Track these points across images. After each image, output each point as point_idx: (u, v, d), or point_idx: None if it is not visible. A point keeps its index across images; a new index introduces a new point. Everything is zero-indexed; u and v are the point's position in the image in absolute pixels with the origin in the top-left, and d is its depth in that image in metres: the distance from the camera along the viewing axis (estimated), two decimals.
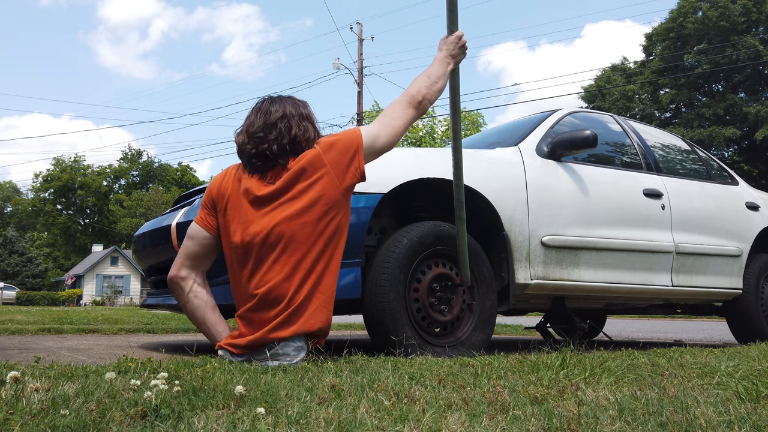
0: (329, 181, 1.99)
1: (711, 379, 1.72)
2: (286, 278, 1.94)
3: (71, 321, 5.61)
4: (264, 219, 1.98)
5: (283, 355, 1.93)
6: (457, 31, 2.19)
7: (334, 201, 1.99)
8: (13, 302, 29.01)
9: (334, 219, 2.00)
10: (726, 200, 3.94)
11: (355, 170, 2.04)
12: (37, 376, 1.48)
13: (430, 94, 2.18)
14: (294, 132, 2.05)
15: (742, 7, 22.30)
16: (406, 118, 2.15)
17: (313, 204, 1.96)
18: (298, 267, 1.95)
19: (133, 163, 52.97)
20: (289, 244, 1.95)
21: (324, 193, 1.98)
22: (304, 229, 1.95)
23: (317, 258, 1.97)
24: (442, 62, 2.22)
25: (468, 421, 1.08)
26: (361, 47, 22.69)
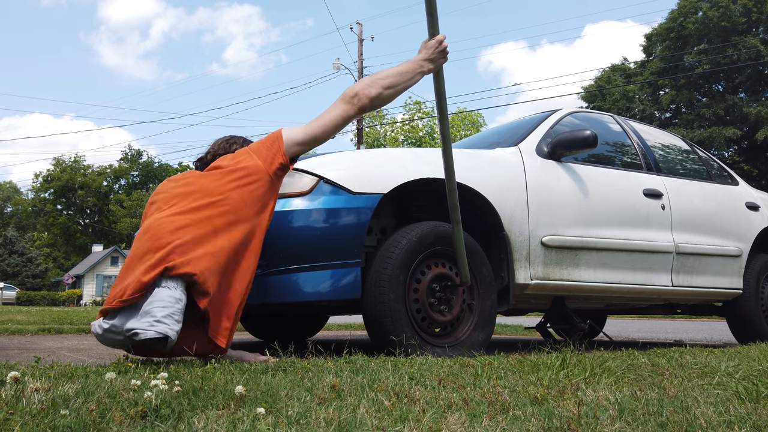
0: (250, 158, 2.11)
1: (711, 379, 1.72)
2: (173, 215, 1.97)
3: (71, 321, 5.61)
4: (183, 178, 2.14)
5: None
6: (439, 34, 2.16)
7: (256, 175, 2.08)
8: (13, 302, 29.01)
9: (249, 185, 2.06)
10: (726, 200, 3.94)
11: (276, 151, 2.13)
12: (37, 376, 1.48)
13: (370, 90, 2.17)
14: (234, 148, 2.34)
15: (743, 7, 22.29)
16: (333, 114, 2.18)
17: (233, 171, 2.07)
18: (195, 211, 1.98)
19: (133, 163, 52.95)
20: (195, 192, 2.03)
21: (245, 165, 2.09)
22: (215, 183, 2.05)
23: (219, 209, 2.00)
24: (411, 62, 2.20)
25: (468, 421, 1.08)
26: (361, 47, 22.69)
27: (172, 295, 1.83)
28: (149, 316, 1.79)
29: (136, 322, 1.80)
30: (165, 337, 1.77)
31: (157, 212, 2.04)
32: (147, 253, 1.89)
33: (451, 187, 2.26)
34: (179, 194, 2.05)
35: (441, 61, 2.20)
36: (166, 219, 1.96)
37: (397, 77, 2.19)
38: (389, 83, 2.19)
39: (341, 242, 2.37)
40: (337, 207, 2.38)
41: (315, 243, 2.35)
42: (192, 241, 1.91)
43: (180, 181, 2.14)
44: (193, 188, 2.05)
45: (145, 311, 1.80)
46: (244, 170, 2.08)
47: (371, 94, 2.17)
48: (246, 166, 2.08)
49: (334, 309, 3.08)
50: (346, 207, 2.40)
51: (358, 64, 22.45)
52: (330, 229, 2.35)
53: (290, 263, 2.32)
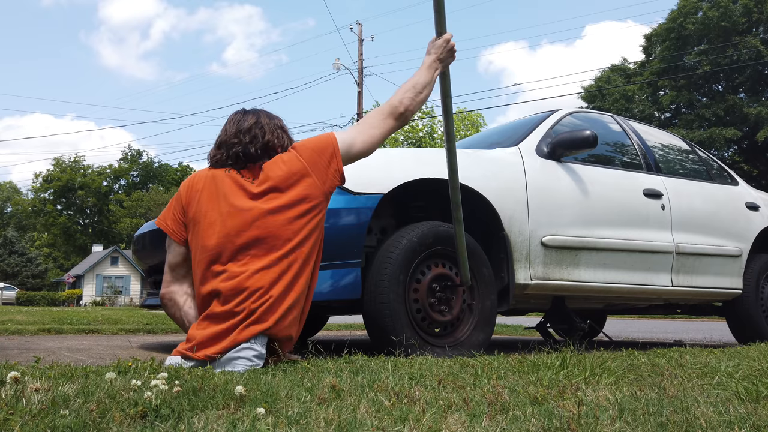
0: (311, 182, 1.97)
1: (711, 379, 1.72)
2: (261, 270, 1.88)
3: (71, 321, 5.61)
4: (246, 212, 1.92)
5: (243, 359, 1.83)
6: (446, 33, 2.16)
7: (315, 201, 1.96)
8: (13, 302, 29.02)
9: (314, 218, 1.97)
10: (726, 200, 3.94)
11: (335, 172, 2.01)
12: (37, 376, 1.48)
13: (413, 105, 2.16)
14: (267, 138, 2.04)
15: (743, 7, 22.28)
16: (384, 128, 2.12)
17: (296, 202, 1.94)
18: (277, 262, 1.89)
19: (133, 164, 52.98)
20: (269, 239, 1.90)
21: (308, 193, 1.95)
22: (286, 226, 1.91)
23: (296, 255, 1.92)
24: (429, 68, 2.19)
25: (468, 422, 1.08)
26: (361, 47, 22.69)
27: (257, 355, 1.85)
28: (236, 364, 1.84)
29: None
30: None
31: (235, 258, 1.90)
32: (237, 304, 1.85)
33: (454, 186, 2.27)
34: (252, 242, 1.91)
35: (449, 60, 2.20)
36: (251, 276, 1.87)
37: (428, 88, 2.19)
38: (425, 96, 2.19)
39: (341, 242, 2.37)
40: (337, 207, 2.38)
41: None
42: (279, 298, 1.87)
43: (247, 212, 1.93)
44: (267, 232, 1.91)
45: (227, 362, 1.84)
46: (306, 201, 1.94)
47: (415, 109, 2.17)
48: (308, 195, 1.95)
49: (334, 309, 3.08)
50: (346, 207, 2.40)
51: (358, 64, 22.45)
52: (330, 229, 2.35)
53: None
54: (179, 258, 2.06)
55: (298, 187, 1.95)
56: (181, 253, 2.06)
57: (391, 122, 2.13)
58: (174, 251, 2.07)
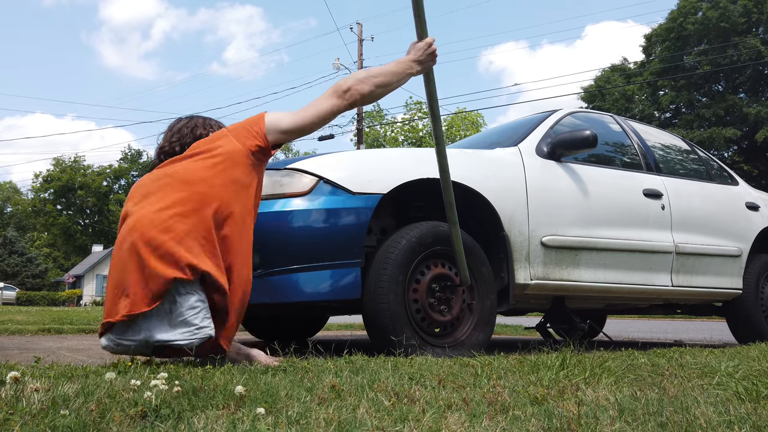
0: (230, 141, 2.02)
1: (711, 379, 1.72)
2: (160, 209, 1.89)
3: (71, 321, 5.61)
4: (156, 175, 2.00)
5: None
6: (428, 37, 2.14)
7: (234, 157, 2.00)
8: (13, 302, 29.01)
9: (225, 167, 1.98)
10: (726, 200, 3.94)
11: (256, 133, 2.05)
12: (37, 376, 1.48)
13: (363, 87, 2.12)
14: (199, 132, 2.15)
15: (743, 8, 22.28)
16: (323, 105, 2.11)
17: (213, 156, 1.98)
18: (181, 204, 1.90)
19: (133, 164, 52.97)
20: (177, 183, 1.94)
21: (225, 150, 2.00)
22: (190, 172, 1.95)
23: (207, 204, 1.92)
24: (399, 63, 2.16)
25: (468, 422, 1.08)
26: (361, 47, 22.69)
27: (199, 298, 1.83)
28: (187, 325, 1.80)
29: (171, 334, 1.80)
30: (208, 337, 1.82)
31: (139, 205, 1.93)
32: (145, 254, 1.81)
33: (446, 187, 2.26)
34: (162, 186, 1.95)
35: (430, 64, 2.16)
36: (155, 215, 1.87)
37: (389, 76, 2.16)
38: (381, 82, 2.15)
39: (341, 242, 2.37)
40: (337, 207, 2.38)
41: (315, 243, 2.35)
42: (188, 237, 1.84)
43: (160, 171, 2.03)
44: (174, 179, 1.95)
45: (179, 321, 1.80)
46: (223, 155, 1.99)
47: (364, 90, 2.13)
48: (225, 151, 2.00)
49: (334, 309, 3.08)
50: (346, 207, 2.40)
51: (358, 64, 22.45)
52: (330, 229, 2.35)
53: (290, 263, 2.32)
54: None
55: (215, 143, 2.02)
56: None
57: (333, 100, 2.12)
58: None
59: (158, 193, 1.93)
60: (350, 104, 2.13)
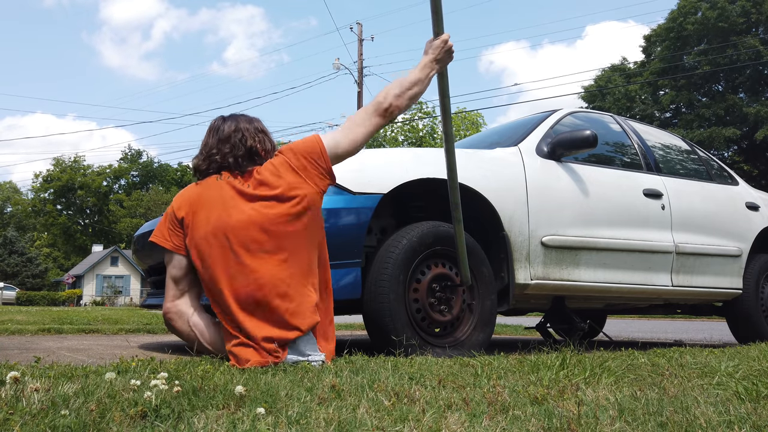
0: (304, 184, 1.99)
1: (711, 379, 1.72)
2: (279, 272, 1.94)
3: (71, 321, 5.61)
4: (249, 210, 1.95)
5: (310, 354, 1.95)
6: (443, 33, 2.15)
7: (311, 201, 1.99)
8: (13, 302, 29.02)
9: (310, 218, 2.00)
10: (726, 200, 3.94)
11: (325, 172, 2.04)
12: (37, 376, 1.48)
13: (400, 102, 2.15)
14: (250, 143, 2.07)
15: (741, 8, 22.28)
16: (369, 127, 2.12)
17: (294, 205, 1.97)
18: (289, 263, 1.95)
19: (132, 164, 52.98)
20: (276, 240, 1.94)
21: (303, 194, 1.98)
22: (288, 227, 1.95)
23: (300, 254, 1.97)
24: (423, 68, 2.18)
25: (468, 421, 1.08)
26: (361, 47, 22.69)
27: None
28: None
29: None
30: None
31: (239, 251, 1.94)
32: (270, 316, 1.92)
33: (453, 186, 2.27)
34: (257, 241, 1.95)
35: (447, 61, 2.19)
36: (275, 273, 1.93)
37: (420, 86, 2.18)
38: (414, 93, 2.18)
39: (341, 242, 2.37)
40: (337, 207, 2.38)
41: None
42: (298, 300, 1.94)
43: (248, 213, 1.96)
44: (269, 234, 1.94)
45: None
46: (308, 205, 1.98)
47: (402, 106, 2.16)
48: (309, 200, 1.98)
49: (334, 309, 3.08)
50: (346, 207, 2.40)
51: (358, 64, 22.46)
52: (330, 229, 2.35)
53: None
54: (182, 270, 2.06)
55: (292, 192, 1.98)
56: (183, 265, 2.06)
57: (376, 120, 2.13)
58: (175, 264, 2.07)
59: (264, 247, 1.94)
60: (391, 121, 2.19)
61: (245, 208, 1.96)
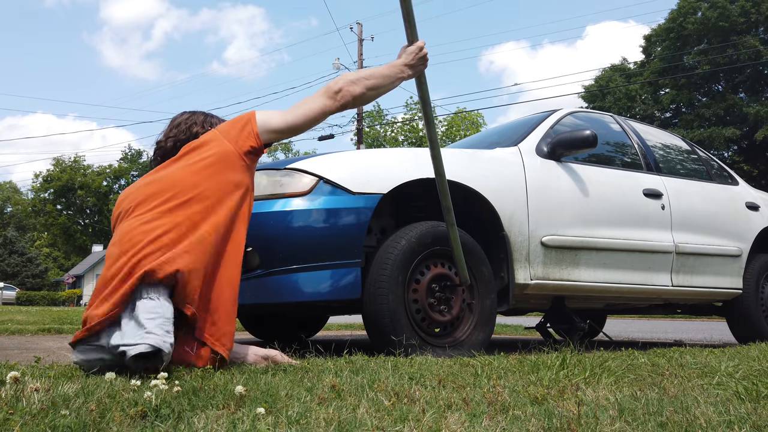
0: (220, 142, 1.96)
1: (711, 379, 1.72)
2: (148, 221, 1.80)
3: (71, 321, 5.61)
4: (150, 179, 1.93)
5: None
6: (418, 41, 2.13)
7: (224, 156, 1.94)
8: (13, 302, 29.03)
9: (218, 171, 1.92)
10: (726, 200, 3.94)
11: (248, 134, 1.98)
12: (37, 376, 1.48)
13: (354, 88, 2.09)
14: (196, 130, 2.08)
15: (741, 8, 22.29)
16: (313, 105, 2.06)
17: (201, 157, 1.92)
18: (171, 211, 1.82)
19: (132, 164, 52.97)
20: (166, 190, 1.86)
21: (216, 152, 1.94)
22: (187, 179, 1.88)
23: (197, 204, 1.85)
24: (392, 67, 2.13)
25: (468, 421, 1.08)
26: (361, 47, 22.69)
27: (157, 304, 1.64)
28: (137, 328, 1.59)
29: (121, 338, 1.58)
30: (158, 350, 1.54)
31: (126, 218, 1.86)
32: (122, 268, 1.70)
33: (443, 191, 2.25)
34: (150, 195, 1.88)
35: (421, 68, 2.15)
36: (140, 226, 1.79)
37: (381, 79, 2.13)
38: (373, 84, 2.12)
39: (341, 242, 2.37)
40: (337, 207, 2.38)
41: (315, 243, 2.35)
42: (170, 244, 1.76)
43: (146, 179, 1.96)
44: (164, 185, 1.88)
45: (132, 325, 1.60)
46: (214, 156, 1.93)
47: (355, 92, 2.09)
48: (216, 152, 1.94)
49: (334, 309, 3.08)
50: (346, 207, 2.40)
51: (358, 64, 22.45)
52: (330, 229, 2.35)
53: (290, 263, 2.32)
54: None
55: (209, 150, 1.94)
56: None
57: (323, 100, 2.07)
58: None
59: (149, 201, 1.87)
60: (341, 105, 2.09)
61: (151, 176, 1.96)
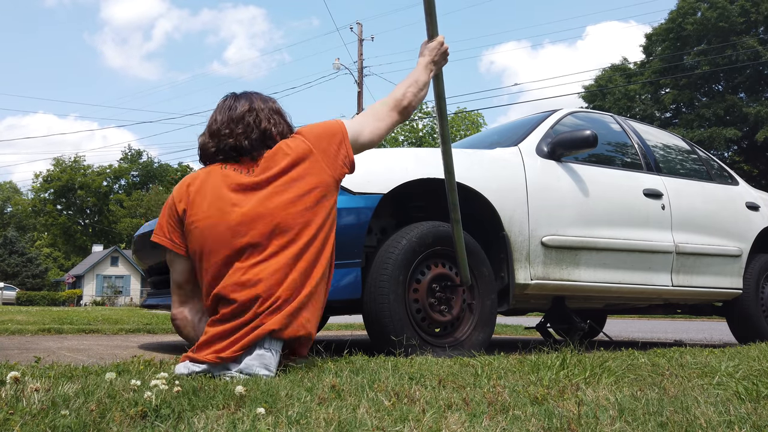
0: (321, 168, 1.84)
1: (711, 379, 1.72)
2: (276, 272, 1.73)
3: (71, 321, 5.61)
4: (251, 203, 1.77)
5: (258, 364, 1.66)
6: (438, 35, 2.14)
7: (327, 188, 1.84)
8: (13, 302, 29.03)
9: (324, 207, 1.83)
10: (726, 200, 3.94)
11: (344, 159, 1.90)
12: (37, 376, 1.48)
13: (416, 101, 2.13)
14: (264, 125, 1.89)
15: (741, 8, 22.29)
16: (389, 121, 2.07)
17: (308, 192, 1.80)
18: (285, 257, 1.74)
19: (133, 164, 52.99)
20: (275, 233, 1.75)
21: (319, 181, 1.82)
22: (299, 218, 1.77)
23: (306, 248, 1.77)
24: (425, 68, 2.14)
25: (468, 421, 1.08)
26: (361, 47, 22.69)
27: (273, 358, 1.69)
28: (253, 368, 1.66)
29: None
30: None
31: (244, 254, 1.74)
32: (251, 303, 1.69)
33: (451, 188, 2.26)
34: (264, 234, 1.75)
35: (442, 63, 2.17)
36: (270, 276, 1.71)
37: (424, 87, 2.15)
38: (424, 94, 2.16)
39: (341, 242, 2.37)
40: (338, 207, 2.38)
41: None
42: (294, 292, 1.73)
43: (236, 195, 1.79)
44: (276, 223, 1.75)
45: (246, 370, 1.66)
46: (319, 190, 1.81)
47: (416, 105, 2.15)
48: (319, 183, 1.82)
49: (334, 309, 3.08)
50: (347, 207, 2.40)
51: (358, 64, 22.45)
52: None
53: None
54: (186, 275, 1.89)
55: (306, 175, 1.81)
56: (188, 269, 1.89)
57: (395, 116, 2.09)
58: (179, 268, 1.90)
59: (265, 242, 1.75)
60: (406, 119, 2.14)
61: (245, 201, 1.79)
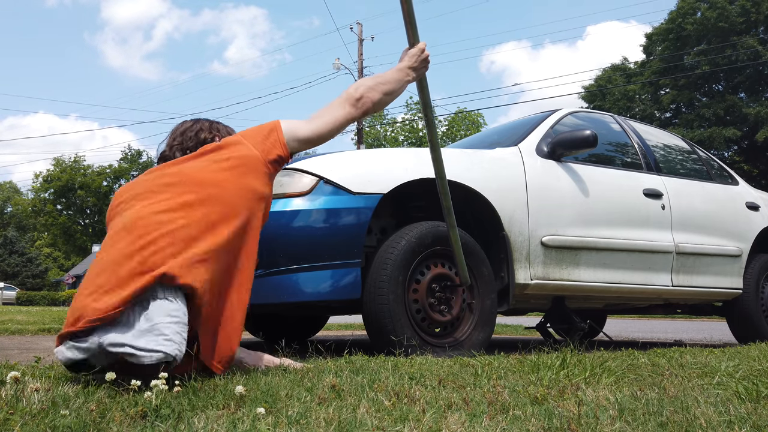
0: (245, 146, 1.86)
1: (711, 379, 1.72)
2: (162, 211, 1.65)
3: None
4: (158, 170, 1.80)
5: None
6: (419, 42, 2.12)
7: (251, 163, 1.83)
8: (13, 302, 29.02)
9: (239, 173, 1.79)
10: (726, 200, 3.94)
11: (275, 141, 1.90)
12: (37, 376, 1.48)
13: (374, 95, 2.08)
14: (204, 136, 1.98)
15: (741, 8, 22.29)
16: (337, 114, 2.04)
17: (227, 159, 1.80)
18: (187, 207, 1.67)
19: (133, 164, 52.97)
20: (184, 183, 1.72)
21: (242, 154, 1.83)
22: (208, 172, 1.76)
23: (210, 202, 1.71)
24: (399, 71, 2.12)
25: (468, 421, 1.08)
26: (361, 47, 22.69)
27: (176, 308, 1.50)
28: (155, 333, 1.43)
29: (130, 339, 1.42)
30: (173, 359, 1.42)
31: (131, 207, 1.69)
32: (132, 255, 1.54)
33: (444, 192, 2.25)
34: (163, 185, 1.72)
35: (423, 70, 2.14)
36: (152, 215, 1.63)
37: (393, 84, 2.12)
38: (388, 89, 2.11)
39: (341, 242, 2.37)
40: (337, 207, 2.38)
41: (315, 243, 2.35)
42: (187, 240, 1.61)
43: (154, 172, 1.80)
44: (179, 178, 1.74)
45: (146, 328, 1.44)
46: (239, 159, 1.81)
47: (375, 99, 2.09)
48: (241, 155, 1.82)
49: (334, 309, 3.08)
50: (346, 207, 2.40)
51: (358, 64, 22.46)
52: (330, 229, 2.35)
53: (290, 263, 2.32)
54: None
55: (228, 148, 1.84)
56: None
57: (347, 108, 2.05)
58: None
59: (162, 192, 1.70)
60: (363, 113, 2.09)
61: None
